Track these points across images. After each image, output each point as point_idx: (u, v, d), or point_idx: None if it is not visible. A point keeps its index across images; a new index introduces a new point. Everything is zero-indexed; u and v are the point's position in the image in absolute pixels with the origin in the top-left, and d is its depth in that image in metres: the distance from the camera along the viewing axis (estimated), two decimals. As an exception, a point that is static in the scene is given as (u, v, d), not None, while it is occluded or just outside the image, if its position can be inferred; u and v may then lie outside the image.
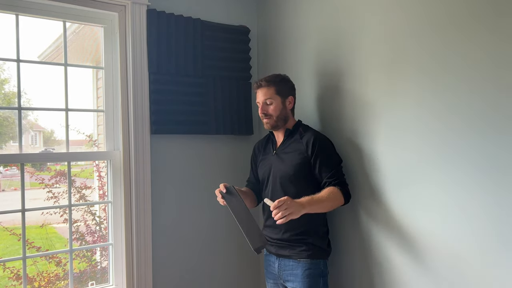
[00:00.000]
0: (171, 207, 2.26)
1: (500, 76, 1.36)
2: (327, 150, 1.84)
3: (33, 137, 3.76)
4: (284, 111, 1.91)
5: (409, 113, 1.66)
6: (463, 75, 1.47)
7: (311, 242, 1.82)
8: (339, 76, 1.99)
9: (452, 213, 1.52)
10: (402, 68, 1.69)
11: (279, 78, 1.92)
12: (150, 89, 2.15)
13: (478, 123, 1.43)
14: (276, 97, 1.89)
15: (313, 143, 1.83)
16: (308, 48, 2.19)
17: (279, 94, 1.89)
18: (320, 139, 1.85)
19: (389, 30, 1.74)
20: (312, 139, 1.84)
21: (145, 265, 2.16)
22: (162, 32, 2.16)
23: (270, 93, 1.89)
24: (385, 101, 1.77)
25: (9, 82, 2.62)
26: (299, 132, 1.92)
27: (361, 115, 1.87)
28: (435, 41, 1.56)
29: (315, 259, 1.81)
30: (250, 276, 2.52)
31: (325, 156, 1.82)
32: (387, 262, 1.79)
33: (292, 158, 1.86)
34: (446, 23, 1.52)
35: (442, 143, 1.54)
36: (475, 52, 1.43)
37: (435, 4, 1.56)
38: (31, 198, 2.44)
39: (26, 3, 1.90)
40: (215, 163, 2.41)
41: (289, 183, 1.85)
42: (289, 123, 1.94)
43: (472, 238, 1.46)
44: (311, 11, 2.17)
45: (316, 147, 1.82)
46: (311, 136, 1.86)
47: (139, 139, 2.14)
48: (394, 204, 1.74)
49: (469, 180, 1.46)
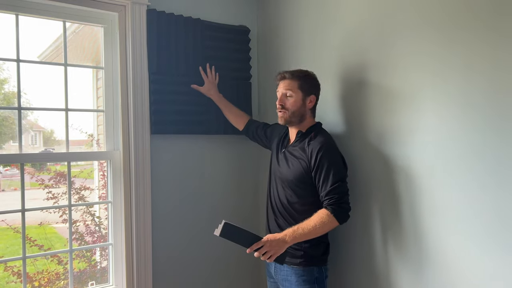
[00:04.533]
0: (171, 207, 2.26)
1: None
2: (329, 163, 1.70)
3: (33, 137, 3.76)
4: (303, 108, 1.81)
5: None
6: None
7: (304, 250, 1.77)
8: (341, 76, 1.99)
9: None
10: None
11: (305, 73, 1.84)
12: (150, 89, 2.15)
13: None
14: (297, 92, 1.80)
15: (316, 153, 1.72)
16: (308, 48, 2.19)
17: (301, 90, 1.80)
18: (326, 149, 1.72)
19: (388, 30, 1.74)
20: (317, 149, 1.72)
21: (145, 265, 2.16)
22: (162, 32, 2.16)
23: (292, 86, 1.80)
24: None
25: (9, 82, 2.62)
26: (310, 137, 1.80)
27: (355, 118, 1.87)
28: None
29: (308, 267, 1.77)
30: (250, 277, 2.52)
31: (326, 170, 1.70)
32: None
33: (295, 165, 1.79)
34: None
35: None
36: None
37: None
38: (31, 198, 2.44)
39: (26, 3, 1.90)
40: (215, 163, 2.41)
41: (290, 187, 1.81)
42: (304, 124, 1.84)
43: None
44: (311, 11, 2.17)
45: (318, 158, 1.71)
46: (317, 145, 1.74)
47: (139, 139, 2.13)
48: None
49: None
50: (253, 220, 2.54)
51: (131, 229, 2.14)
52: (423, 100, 1.62)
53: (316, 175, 1.72)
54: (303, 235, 1.65)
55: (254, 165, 2.56)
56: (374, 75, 1.82)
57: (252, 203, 2.56)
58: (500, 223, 1.39)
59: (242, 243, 1.64)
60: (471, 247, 1.47)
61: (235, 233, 1.63)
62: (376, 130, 1.81)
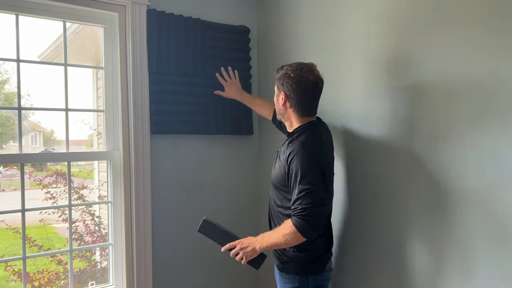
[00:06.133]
0: (171, 207, 2.26)
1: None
2: (297, 169, 1.53)
3: (33, 137, 3.76)
4: (282, 107, 1.69)
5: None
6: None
7: (288, 256, 1.65)
8: (340, 76, 1.99)
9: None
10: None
11: (279, 68, 1.71)
12: (150, 89, 2.15)
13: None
14: (277, 90, 1.71)
15: (287, 157, 1.58)
16: (308, 48, 2.19)
17: (277, 87, 1.70)
18: (297, 153, 1.55)
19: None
20: (289, 153, 1.58)
21: (145, 265, 2.16)
22: (162, 32, 2.16)
23: (276, 83, 1.70)
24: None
25: (9, 83, 2.62)
26: (291, 139, 1.66)
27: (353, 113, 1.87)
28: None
29: (291, 275, 1.66)
30: (250, 278, 2.52)
31: (295, 176, 1.54)
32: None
33: (278, 168, 1.68)
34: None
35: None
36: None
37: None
38: (31, 198, 2.44)
39: (26, 3, 1.90)
40: (215, 163, 2.41)
41: (275, 191, 1.73)
42: (293, 124, 1.69)
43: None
44: (311, 10, 2.17)
45: (289, 163, 1.57)
46: (291, 148, 1.59)
47: (139, 139, 2.14)
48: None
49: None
50: (253, 220, 2.55)
51: (131, 229, 2.14)
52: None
53: (288, 181, 1.59)
54: (269, 244, 1.57)
55: (254, 165, 2.56)
56: (378, 74, 1.82)
57: (252, 203, 2.56)
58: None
59: (219, 241, 1.66)
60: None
61: (213, 231, 1.67)
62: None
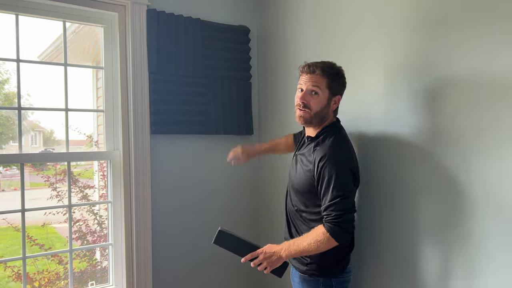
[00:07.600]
0: (171, 207, 2.26)
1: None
2: (330, 175, 1.49)
3: (33, 137, 3.76)
4: (326, 110, 1.59)
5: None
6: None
7: (311, 257, 1.60)
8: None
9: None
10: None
11: (337, 71, 1.61)
12: (150, 89, 2.15)
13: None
14: (325, 90, 1.57)
15: (318, 162, 1.52)
16: (308, 48, 2.19)
17: (329, 89, 1.58)
18: (329, 157, 1.51)
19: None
20: (319, 157, 1.52)
21: (145, 265, 2.16)
22: (162, 32, 2.16)
23: (320, 82, 1.56)
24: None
25: (9, 83, 2.62)
26: (317, 141, 1.59)
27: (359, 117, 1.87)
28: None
29: (314, 277, 1.62)
30: (251, 278, 2.52)
31: (327, 182, 1.50)
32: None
33: (302, 172, 1.62)
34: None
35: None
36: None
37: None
38: (31, 198, 2.44)
39: (26, 3, 1.90)
40: (215, 163, 2.41)
41: (297, 195, 1.66)
42: (323, 125, 1.63)
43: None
44: (311, 10, 2.17)
45: (320, 168, 1.51)
46: (321, 152, 1.53)
47: (139, 139, 2.14)
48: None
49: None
50: (253, 220, 2.55)
51: (131, 229, 2.14)
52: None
53: (318, 186, 1.54)
54: (298, 251, 1.51)
55: (254, 165, 2.56)
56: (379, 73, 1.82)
57: (252, 203, 2.56)
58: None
59: (238, 252, 1.54)
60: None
61: (230, 241, 1.54)
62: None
